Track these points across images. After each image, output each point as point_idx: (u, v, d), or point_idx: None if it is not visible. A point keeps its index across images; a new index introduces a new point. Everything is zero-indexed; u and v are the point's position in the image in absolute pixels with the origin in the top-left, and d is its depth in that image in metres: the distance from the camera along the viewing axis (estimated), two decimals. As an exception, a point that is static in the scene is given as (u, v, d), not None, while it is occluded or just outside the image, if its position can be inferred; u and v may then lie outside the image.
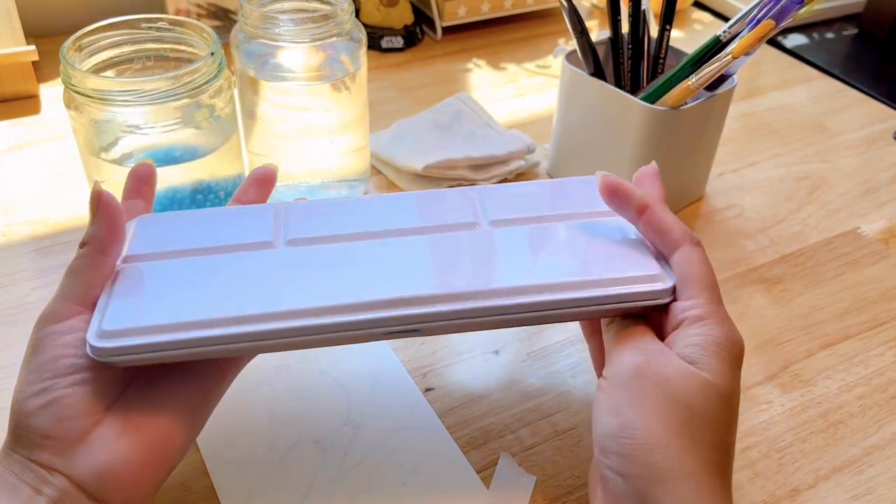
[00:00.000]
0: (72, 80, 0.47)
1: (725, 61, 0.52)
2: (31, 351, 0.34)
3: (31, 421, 0.32)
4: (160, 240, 0.39)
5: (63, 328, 0.33)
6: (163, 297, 0.35)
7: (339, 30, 0.52)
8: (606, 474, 0.33)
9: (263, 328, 0.34)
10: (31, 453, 0.31)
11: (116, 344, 0.33)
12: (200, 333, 0.34)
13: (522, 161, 0.64)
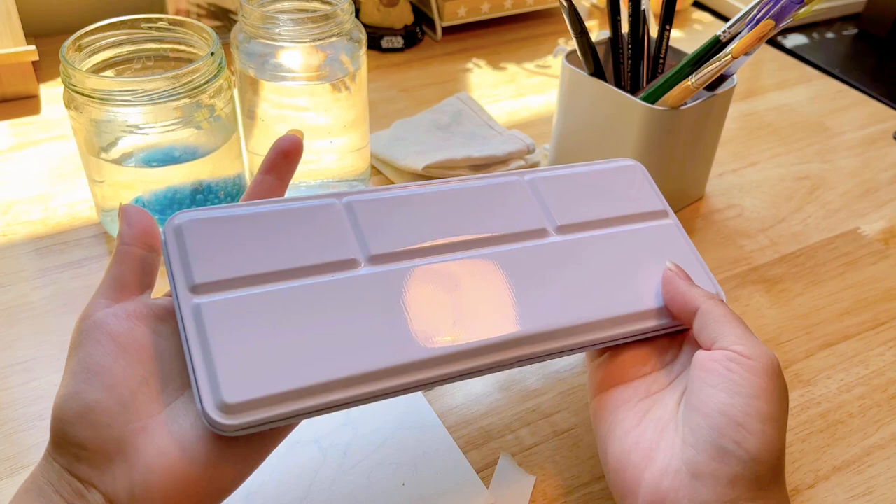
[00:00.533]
0: (72, 80, 0.47)
1: (725, 61, 0.52)
2: (70, 348, 0.32)
3: (68, 429, 0.30)
4: (224, 257, 0.34)
5: (90, 325, 0.31)
6: (269, 352, 0.32)
7: (338, 30, 0.52)
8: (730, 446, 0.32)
9: (384, 386, 0.33)
10: (69, 464, 0.30)
11: (242, 420, 0.30)
12: (325, 399, 0.31)
13: (522, 161, 0.64)
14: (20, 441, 0.42)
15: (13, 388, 0.45)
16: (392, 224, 0.38)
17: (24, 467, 0.41)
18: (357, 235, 0.37)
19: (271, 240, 0.36)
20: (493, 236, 0.40)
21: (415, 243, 0.38)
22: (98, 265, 0.53)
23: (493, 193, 0.41)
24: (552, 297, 0.38)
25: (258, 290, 0.34)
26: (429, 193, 0.40)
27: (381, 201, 0.39)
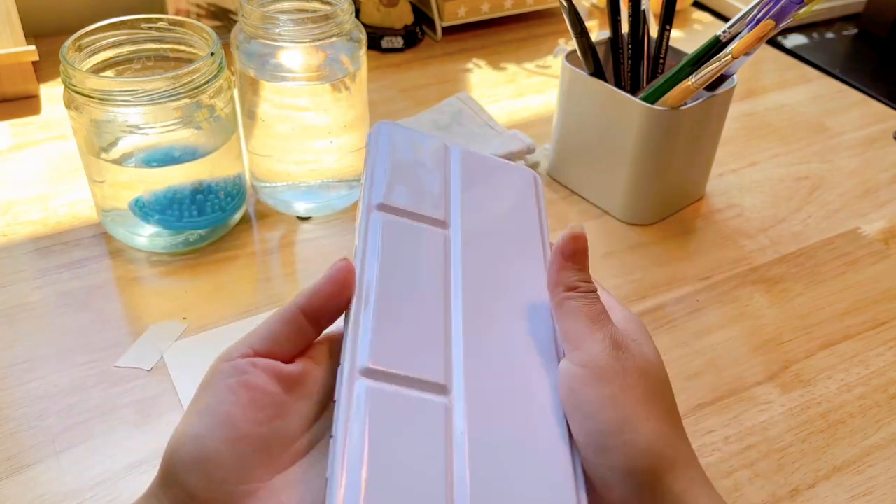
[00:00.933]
0: (72, 80, 0.47)
1: (725, 61, 0.52)
2: (203, 384, 0.30)
3: (180, 473, 0.28)
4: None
5: (228, 368, 0.30)
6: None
7: (338, 30, 0.52)
8: (606, 475, 0.31)
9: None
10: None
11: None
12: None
13: (522, 161, 0.64)
14: (20, 441, 0.42)
15: (13, 388, 0.45)
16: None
17: (24, 467, 0.41)
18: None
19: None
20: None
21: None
22: (98, 265, 0.53)
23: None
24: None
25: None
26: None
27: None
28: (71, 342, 0.48)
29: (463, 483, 0.30)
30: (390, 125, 0.38)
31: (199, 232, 0.54)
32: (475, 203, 0.38)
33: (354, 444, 0.28)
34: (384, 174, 0.36)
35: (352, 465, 0.28)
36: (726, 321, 0.52)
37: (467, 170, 0.39)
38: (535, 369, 0.34)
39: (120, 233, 0.54)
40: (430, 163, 0.38)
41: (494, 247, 0.38)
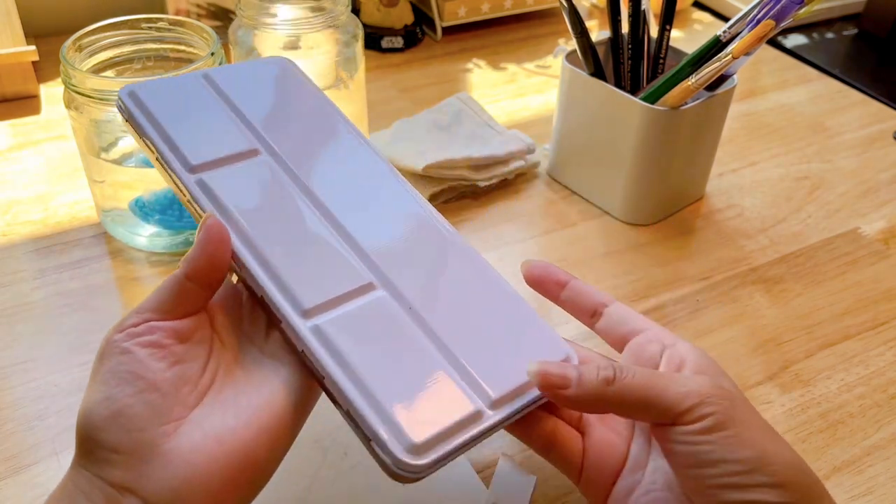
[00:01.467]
0: (72, 80, 0.47)
1: (725, 61, 0.52)
2: (96, 360, 0.32)
3: (99, 434, 0.30)
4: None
5: (123, 336, 0.32)
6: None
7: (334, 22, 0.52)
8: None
9: None
10: (102, 471, 0.29)
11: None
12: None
13: (522, 161, 0.64)
14: (20, 441, 0.42)
15: (13, 388, 0.45)
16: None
17: (24, 467, 0.41)
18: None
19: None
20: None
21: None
22: (98, 265, 0.53)
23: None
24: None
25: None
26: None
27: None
28: (71, 342, 0.48)
29: (443, 346, 0.34)
30: (137, 86, 0.40)
31: (199, 232, 0.54)
32: (263, 115, 0.41)
33: (348, 375, 0.32)
34: (172, 136, 0.38)
35: (362, 392, 0.32)
36: (726, 321, 0.52)
37: (232, 89, 0.42)
38: (427, 232, 0.39)
39: (120, 233, 0.54)
40: (198, 102, 0.41)
41: (311, 146, 0.41)
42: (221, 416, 0.31)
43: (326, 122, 0.42)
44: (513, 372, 0.34)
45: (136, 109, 0.39)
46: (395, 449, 0.30)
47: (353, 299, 0.35)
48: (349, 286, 0.35)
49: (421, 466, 0.30)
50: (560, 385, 0.32)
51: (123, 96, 0.39)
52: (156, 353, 0.32)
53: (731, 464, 0.30)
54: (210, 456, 0.30)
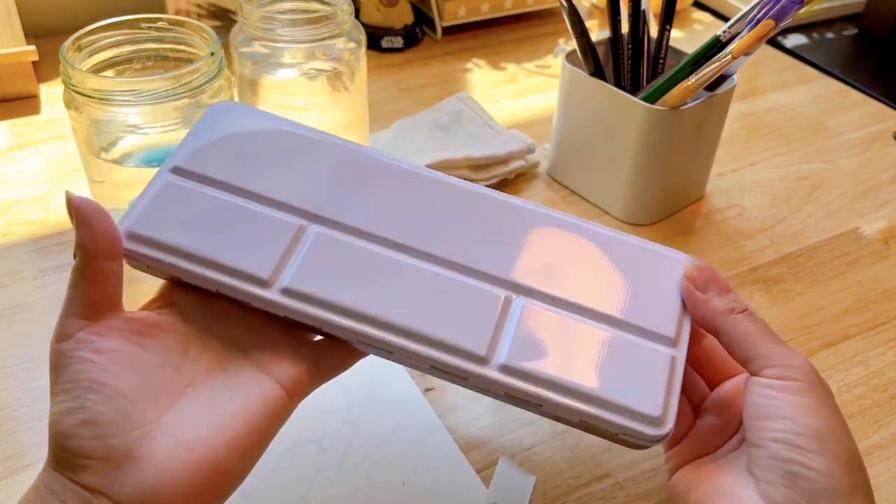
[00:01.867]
0: (72, 80, 0.47)
1: (725, 61, 0.52)
2: (52, 370, 0.31)
3: (70, 442, 0.30)
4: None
5: (72, 345, 0.31)
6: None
7: (338, 30, 0.52)
8: (792, 473, 0.32)
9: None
10: (74, 475, 0.29)
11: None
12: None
13: (522, 161, 0.64)
14: (20, 441, 0.42)
15: (13, 388, 0.45)
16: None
17: (24, 467, 0.41)
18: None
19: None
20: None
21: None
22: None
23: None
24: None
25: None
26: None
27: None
28: (71, 342, 0.48)
29: (604, 317, 0.36)
30: (130, 224, 0.36)
31: (199, 232, 0.54)
32: (268, 181, 0.38)
33: (562, 392, 0.33)
34: (221, 259, 0.35)
35: (586, 401, 0.33)
36: (726, 321, 0.52)
37: (210, 167, 0.38)
38: (497, 209, 0.39)
39: (120, 233, 0.54)
40: (200, 204, 0.37)
41: (334, 187, 0.38)
42: (195, 423, 0.31)
43: (323, 150, 0.39)
44: (663, 308, 0.36)
45: (153, 251, 0.35)
46: (648, 431, 0.33)
47: (505, 322, 0.35)
48: (494, 311, 0.35)
49: (671, 429, 0.33)
50: (703, 288, 0.36)
51: (130, 246, 0.35)
52: (117, 358, 0.32)
53: (796, 424, 0.32)
54: (181, 463, 0.30)
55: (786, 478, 0.32)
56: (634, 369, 0.34)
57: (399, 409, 0.45)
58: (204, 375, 0.34)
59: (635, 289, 0.37)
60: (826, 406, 0.33)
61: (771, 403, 0.33)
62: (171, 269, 0.35)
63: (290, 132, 0.40)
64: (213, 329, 0.35)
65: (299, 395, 0.35)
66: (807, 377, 0.33)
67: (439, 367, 0.34)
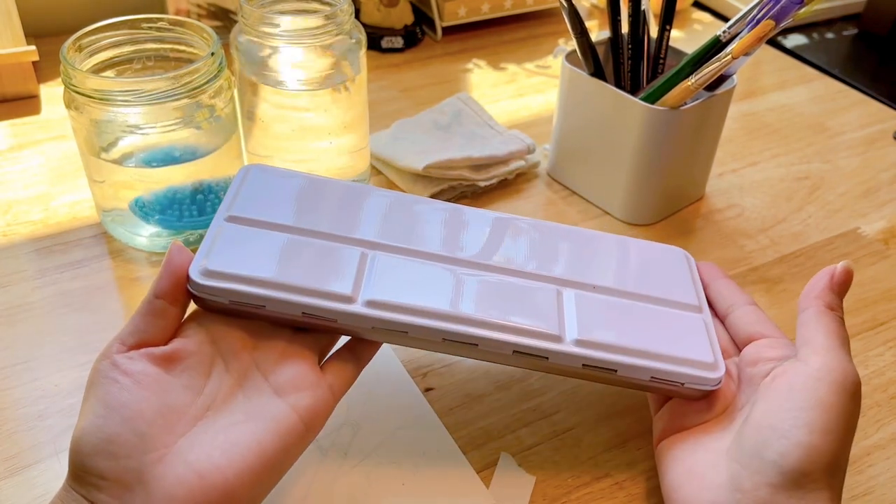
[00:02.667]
0: (72, 80, 0.47)
1: (725, 61, 0.52)
2: (87, 386, 0.33)
3: (87, 461, 0.31)
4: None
5: (106, 365, 0.33)
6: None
7: (338, 30, 0.52)
8: (779, 451, 0.33)
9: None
10: (89, 494, 0.31)
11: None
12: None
13: (522, 161, 0.64)
14: (20, 441, 0.42)
15: (14, 388, 0.45)
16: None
17: (24, 467, 0.41)
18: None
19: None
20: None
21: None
22: (98, 265, 0.53)
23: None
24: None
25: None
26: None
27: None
28: (71, 342, 0.48)
29: (638, 296, 0.43)
30: (205, 261, 0.38)
31: (200, 232, 0.54)
32: (319, 219, 0.43)
33: (634, 355, 0.39)
34: (304, 285, 0.38)
35: (655, 359, 0.39)
36: (726, 321, 0.52)
37: (259, 213, 0.42)
38: (530, 229, 0.46)
39: (120, 233, 0.54)
40: (267, 244, 0.40)
41: (375, 217, 0.43)
42: (209, 450, 0.32)
43: (352, 192, 0.45)
44: (681, 285, 0.44)
45: (235, 284, 0.37)
46: (710, 375, 0.39)
47: (563, 309, 0.41)
48: (552, 301, 0.41)
49: (724, 372, 0.39)
50: (833, 290, 0.39)
51: (209, 282, 0.37)
52: (142, 380, 0.33)
53: (805, 410, 0.33)
54: (191, 490, 0.31)
55: (758, 462, 0.33)
56: (679, 331, 0.41)
57: (399, 409, 0.45)
58: (224, 399, 0.35)
59: (653, 273, 0.44)
60: (845, 414, 0.34)
61: (793, 389, 0.34)
62: (255, 300, 0.37)
63: (317, 180, 0.45)
64: (239, 352, 0.36)
65: (315, 427, 0.36)
66: (844, 382, 0.34)
67: (522, 350, 0.38)
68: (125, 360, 0.33)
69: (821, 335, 0.36)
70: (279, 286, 0.37)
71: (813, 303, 0.38)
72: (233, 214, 0.41)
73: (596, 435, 0.45)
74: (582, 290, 0.42)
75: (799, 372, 0.35)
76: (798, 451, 0.32)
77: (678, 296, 0.43)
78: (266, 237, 0.40)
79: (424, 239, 0.42)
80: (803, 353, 0.36)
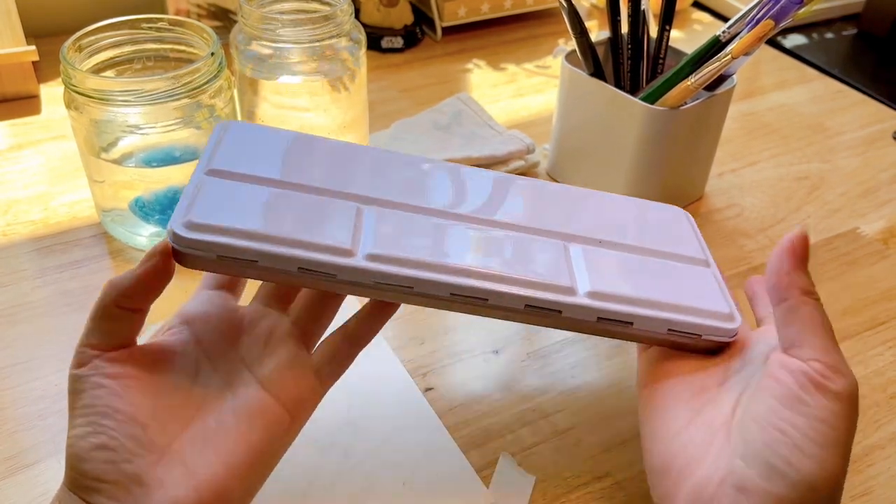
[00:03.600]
0: (72, 80, 0.47)
1: (725, 61, 0.52)
2: (69, 394, 0.33)
3: (84, 465, 0.31)
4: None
5: (87, 371, 0.32)
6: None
7: (338, 30, 0.52)
8: (765, 464, 0.32)
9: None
10: (88, 496, 0.31)
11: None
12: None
13: (522, 161, 0.64)
14: (21, 441, 0.42)
15: (14, 388, 0.45)
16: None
17: (24, 467, 0.41)
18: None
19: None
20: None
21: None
22: (98, 265, 0.53)
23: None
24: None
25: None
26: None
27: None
28: (71, 342, 0.48)
29: (646, 251, 0.42)
30: (189, 214, 0.35)
31: (200, 232, 0.54)
32: (305, 173, 0.40)
33: (650, 307, 0.38)
34: (300, 237, 0.35)
35: (670, 310, 0.38)
36: (726, 321, 0.52)
37: (246, 166, 0.39)
38: (530, 186, 0.44)
39: (120, 233, 0.54)
40: (251, 196, 0.37)
41: (369, 173, 0.40)
42: (202, 450, 0.32)
43: (339, 149, 0.41)
44: (686, 240, 0.43)
45: (223, 238, 0.34)
46: (727, 325, 0.38)
47: (572, 263, 0.39)
48: (559, 255, 0.39)
49: (740, 322, 0.39)
50: (794, 259, 0.38)
51: (193, 235, 0.34)
52: (130, 384, 0.32)
53: (812, 426, 0.31)
54: (187, 490, 0.31)
55: (767, 468, 0.31)
56: (691, 283, 0.40)
57: (399, 409, 0.45)
58: (214, 397, 0.34)
59: (658, 229, 0.43)
60: (850, 427, 0.32)
61: (802, 396, 0.32)
62: (247, 254, 0.34)
63: (302, 136, 0.41)
64: (224, 349, 0.36)
65: (301, 415, 0.36)
66: (850, 392, 0.32)
67: (534, 303, 0.36)
68: (108, 364, 0.32)
69: (817, 337, 0.34)
70: (272, 239, 0.34)
71: (791, 294, 0.36)
72: (214, 168, 0.37)
73: (596, 435, 0.45)
74: (588, 244, 0.40)
75: (802, 374, 0.33)
76: (810, 463, 0.31)
77: (685, 251, 0.42)
78: (253, 191, 0.37)
79: (423, 195, 0.40)
80: (803, 353, 0.34)
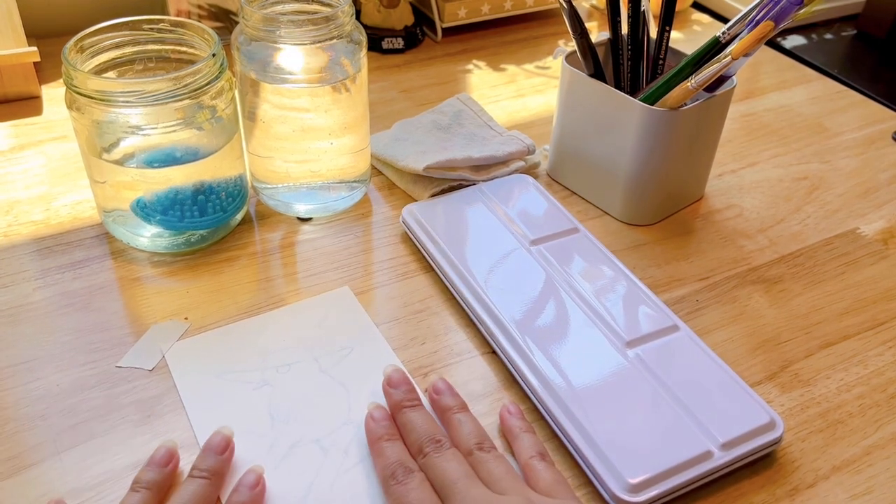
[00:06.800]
0: (73, 81, 0.47)
1: (725, 62, 0.52)
2: None
3: None
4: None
5: None
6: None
7: (339, 32, 0.53)
8: None
9: None
10: None
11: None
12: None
13: (522, 162, 0.64)
14: (22, 441, 0.42)
15: (15, 388, 0.45)
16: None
17: (26, 467, 0.41)
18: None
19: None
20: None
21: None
22: (99, 266, 0.54)
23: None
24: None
25: None
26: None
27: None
28: (72, 342, 0.48)
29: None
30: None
31: (201, 232, 0.54)
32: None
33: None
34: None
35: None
36: (725, 321, 0.52)
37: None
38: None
39: (121, 233, 0.54)
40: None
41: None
42: None
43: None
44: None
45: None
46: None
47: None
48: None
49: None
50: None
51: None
52: None
53: None
54: None
55: None
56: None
57: (400, 408, 0.45)
58: None
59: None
60: None
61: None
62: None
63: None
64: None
65: None
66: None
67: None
68: None
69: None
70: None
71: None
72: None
73: (596, 434, 0.45)
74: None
75: None
76: None
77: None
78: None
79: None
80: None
